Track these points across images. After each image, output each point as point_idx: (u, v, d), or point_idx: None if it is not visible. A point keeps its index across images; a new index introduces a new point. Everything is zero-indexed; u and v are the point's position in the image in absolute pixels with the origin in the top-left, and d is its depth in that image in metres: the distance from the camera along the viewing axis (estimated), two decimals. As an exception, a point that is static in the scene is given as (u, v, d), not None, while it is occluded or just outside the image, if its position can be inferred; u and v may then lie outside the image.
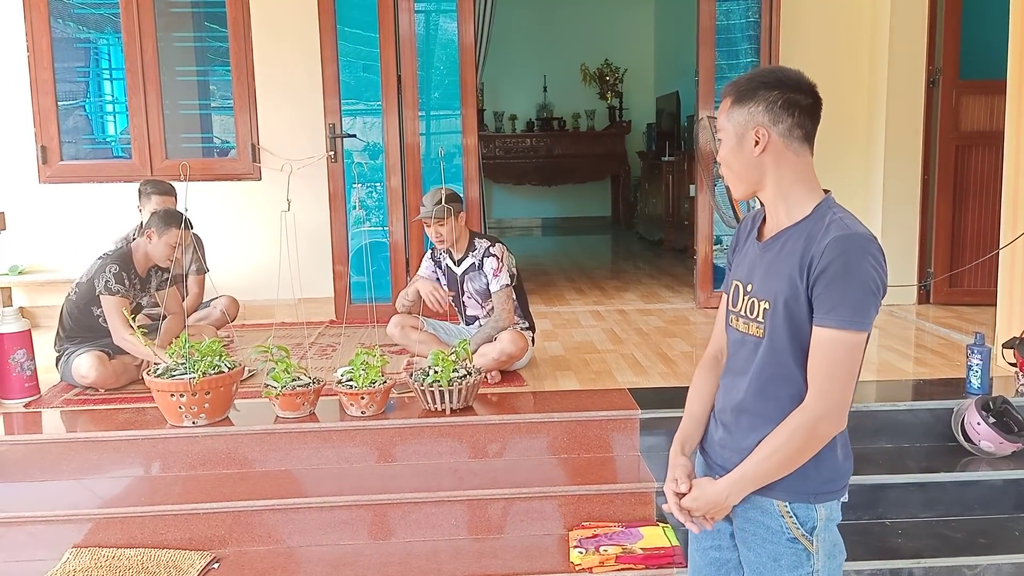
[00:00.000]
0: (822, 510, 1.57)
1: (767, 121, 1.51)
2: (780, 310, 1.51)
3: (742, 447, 1.58)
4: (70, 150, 5.14)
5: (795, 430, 1.49)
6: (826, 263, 1.44)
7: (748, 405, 1.59)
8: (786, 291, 1.50)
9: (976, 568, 2.58)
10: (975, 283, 4.73)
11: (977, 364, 3.20)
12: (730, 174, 1.59)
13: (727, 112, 1.56)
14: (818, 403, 1.48)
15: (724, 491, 1.57)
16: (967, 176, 4.81)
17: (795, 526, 1.56)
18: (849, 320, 1.45)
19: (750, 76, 1.57)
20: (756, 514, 1.60)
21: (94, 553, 2.69)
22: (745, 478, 1.55)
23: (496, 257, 3.55)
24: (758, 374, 1.57)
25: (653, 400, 3.20)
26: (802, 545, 1.57)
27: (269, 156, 5.06)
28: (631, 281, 6.26)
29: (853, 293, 1.44)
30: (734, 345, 1.64)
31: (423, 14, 4.91)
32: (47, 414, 3.28)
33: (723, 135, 1.57)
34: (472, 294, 3.65)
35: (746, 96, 1.53)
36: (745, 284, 1.61)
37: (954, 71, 4.73)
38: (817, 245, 1.46)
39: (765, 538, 1.59)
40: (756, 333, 1.57)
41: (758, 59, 4.88)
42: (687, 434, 1.72)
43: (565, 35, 10.13)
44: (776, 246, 1.55)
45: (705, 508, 1.60)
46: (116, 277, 3.40)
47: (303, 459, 3.04)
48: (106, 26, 5.19)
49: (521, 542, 2.77)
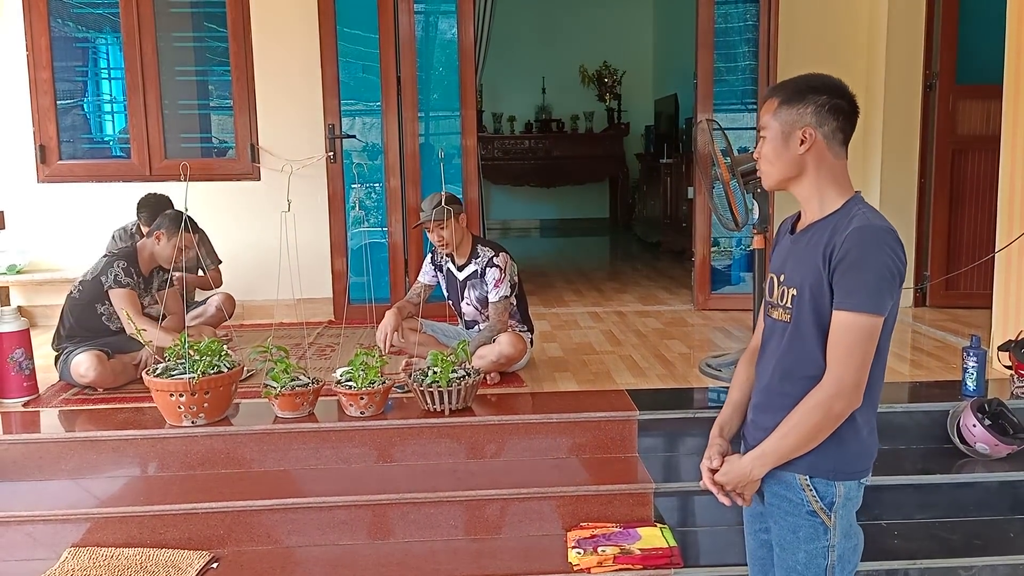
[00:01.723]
0: (841, 487, 1.66)
1: (814, 122, 1.63)
2: (806, 296, 1.62)
3: (768, 426, 1.68)
4: (69, 149, 5.14)
5: (811, 408, 1.60)
6: (845, 251, 1.56)
7: (774, 387, 1.70)
8: (811, 278, 1.61)
9: (971, 569, 2.60)
10: (971, 286, 4.75)
11: (973, 367, 3.21)
12: (768, 167, 1.70)
13: (774, 111, 1.67)
14: (833, 383, 1.58)
15: (748, 465, 1.69)
16: (963, 180, 4.83)
17: (815, 499, 1.66)
18: (865, 304, 1.55)
19: (800, 80, 1.68)
20: (780, 488, 1.70)
21: (92, 553, 2.69)
22: (766, 454, 1.66)
23: (499, 268, 3.53)
24: (784, 357, 1.68)
25: (651, 401, 3.21)
26: (820, 519, 1.67)
27: (268, 156, 5.07)
28: (629, 283, 6.27)
29: (869, 279, 1.55)
30: (767, 332, 1.77)
31: (423, 15, 4.91)
32: (45, 413, 3.28)
33: (767, 132, 1.68)
34: (472, 301, 3.65)
35: (796, 98, 1.65)
36: (779, 275, 1.73)
37: (951, 76, 4.75)
38: (840, 235, 1.58)
39: (787, 511, 1.70)
40: (784, 319, 1.69)
41: (756, 62, 4.89)
42: (725, 418, 1.84)
43: (564, 37, 10.15)
44: (805, 238, 1.67)
45: (734, 481, 1.72)
46: (125, 271, 3.48)
47: (302, 459, 3.04)
48: (105, 26, 5.18)
49: (519, 542, 2.78)
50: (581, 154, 10.06)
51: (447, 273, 3.71)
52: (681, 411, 3.17)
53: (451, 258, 3.68)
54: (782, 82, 1.73)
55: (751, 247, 3.56)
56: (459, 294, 3.68)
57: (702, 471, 1.79)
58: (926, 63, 4.81)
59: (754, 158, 1.76)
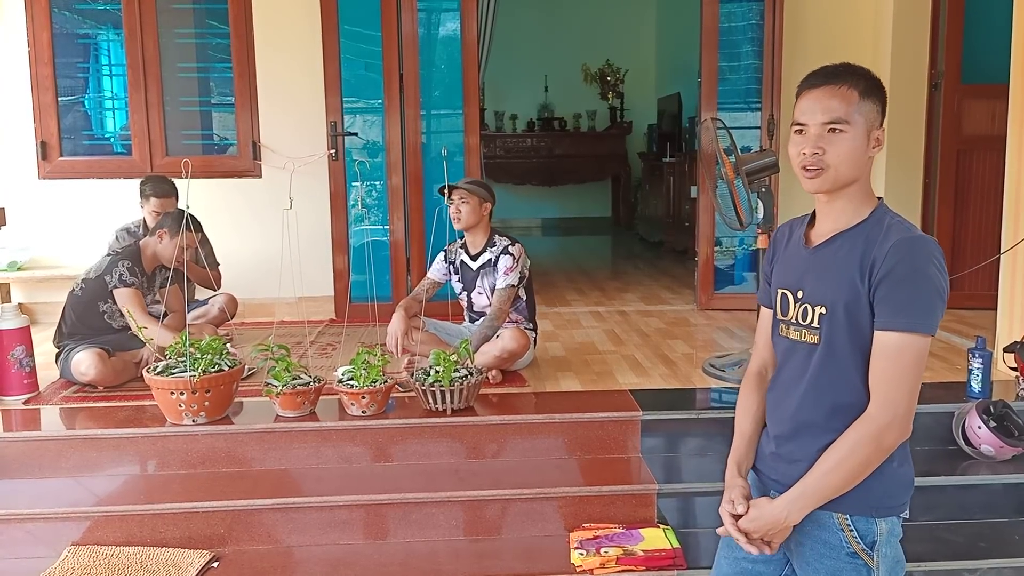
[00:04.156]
0: (883, 524, 1.52)
1: (880, 122, 1.50)
2: (840, 315, 1.47)
3: (797, 458, 1.53)
4: (70, 146, 5.12)
5: (859, 441, 1.44)
6: (891, 265, 1.42)
7: (803, 415, 1.54)
8: (846, 295, 1.47)
9: (976, 572, 2.58)
10: (976, 287, 4.72)
11: (978, 368, 3.20)
12: (838, 167, 1.47)
13: (857, 103, 1.46)
14: (884, 411, 1.43)
15: (784, 510, 1.50)
16: (968, 180, 4.80)
17: (855, 540, 1.51)
18: (917, 323, 1.41)
19: (862, 70, 1.50)
20: (813, 528, 1.54)
21: (93, 551, 2.68)
22: (806, 495, 1.48)
23: (513, 257, 3.58)
24: (814, 382, 1.52)
25: (654, 401, 3.20)
26: (862, 560, 1.51)
27: (270, 154, 5.05)
28: (632, 282, 6.25)
29: (921, 295, 1.41)
30: (785, 354, 1.60)
31: (425, 12, 4.89)
32: (46, 411, 3.27)
33: (850, 129, 1.46)
34: (484, 289, 3.67)
35: (872, 92, 1.48)
36: (795, 291, 1.56)
37: (956, 75, 4.73)
38: (879, 248, 1.44)
39: (823, 553, 1.53)
40: (811, 340, 1.52)
41: (760, 61, 4.87)
42: (741, 455, 1.65)
43: (567, 35, 10.13)
44: (830, 250, 1.52)
45: (764, 529, 1.52)
46: (129, 271, 3.49)
47: (303, 458, 3.03)
48: (107, 21, 5.17)
49: (521, 543, 2.77)
50: (583, 153, 10.04)
51: (460, 266, 3.72)
52: (684, 412, 3.16)
53: (464, 249, 3.69)
54: (849, 67, 1.50)
55: (755, 246, 3.55)
56: (472, 284, 3.69)
57: (723, 516, 1.58)
58: (931, 62, 4.78)
59: (807, 153, 1.49)
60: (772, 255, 1.69)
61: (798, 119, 1.52)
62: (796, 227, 1.64)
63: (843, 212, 1.53)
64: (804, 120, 1.50)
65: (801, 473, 1.51)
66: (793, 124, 1.54)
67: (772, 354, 1.68)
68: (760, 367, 1.71)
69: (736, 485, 1.59)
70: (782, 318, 1.60)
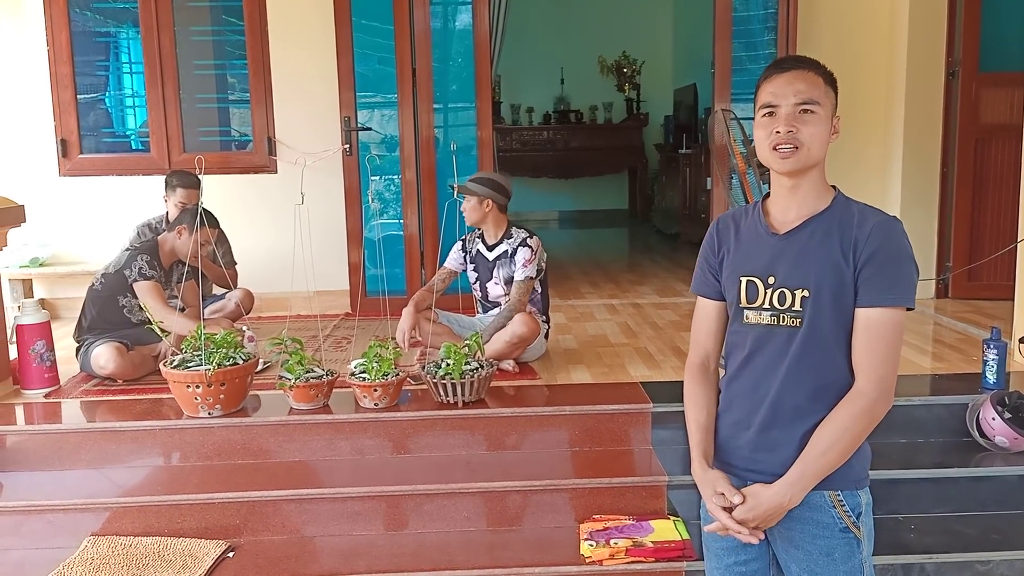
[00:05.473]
0: (864, 496, 1.58)
1: (836, 111, 1.56)
2: (826, 297, 1.51)
3: (780, 443, 1.55)
4: (90, 143, 5.20)
5: (854, 417, 1.48)
6: (875, 246, 1.48)
7: (786, 399, 1.55)
8: (831, 277, 1.51)
9: (988, 564, 2.57)
10: (994, 277, 4.67)
11: (993, 359, 3.17)
12: (810, 147, 1.52)
13: (823, 88, 1.53)
14: (874, 385, 1.48)
15: (785, 494, 1.51)
16: (986, 169, 4.75)
17: (846, 515, 1.55)
18: (905, 298, 1.49)
19: (817, 62, 1.57)
20: (802, 511, 1.55)
21: (112, 541, 2.73)
22: (806, 475, 1.50)
23: (531, 249, 3.62)
24: (796, 365, 1.54)
25: (665, 394, 3.19)
26: (852, 534, 1.56)
27: (285, 149, 5.09)
28: (647, 275, 6.24)
29: (904, 273, 1.49)
30: (756, 340, 1.59)
31: (438, 6, 4.91)
32: (66, 404, 3.33)
33: (820, 110, 1.52)
34: (499, 281, 3.69)
35: (831, 82, 1.56)
36: (764, 277, 1.57)
37: (974, 63, 4.66)
38: (859, 230, 1.50)
39: (816, 534, 1.56)
40: (791, 323, 1.54)
41: (776, 51, 4.83)
42: (706, 447, 1.64)
43: (582, 27, 10.10)
44: (803, 235, 1.55)
45: (764, 516, 1.52)
46: (148, 264, 3.56)
47: (317, 450, 3.07)
48: (125, 20, 5.23)
49: (532, 534, 2.79)
50: (600, 145, 10.01)
51: (477, 256, 3.74)
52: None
53: (482, 239, 3.72)
54: (804, 58, 1.58)
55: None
56: (488, 274, 3.72)
57: (713, 513, 1.55)
58: (948, 50, 4.72)
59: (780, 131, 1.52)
60: (717, 246, 1.69)
61: (768, 101, 1.54)
62: (741, 217, 1.66)
63: (806, 199, 1.57)
64: (776, 101, 1.53)
65: (784, 459, 1.53)
66: (761, 107, 1.56)
67: (717, 344, 1.72)
68: (703, 358, 1.73)
69: (717, 477, 1.58)
70: (748, 305, 1.60)
